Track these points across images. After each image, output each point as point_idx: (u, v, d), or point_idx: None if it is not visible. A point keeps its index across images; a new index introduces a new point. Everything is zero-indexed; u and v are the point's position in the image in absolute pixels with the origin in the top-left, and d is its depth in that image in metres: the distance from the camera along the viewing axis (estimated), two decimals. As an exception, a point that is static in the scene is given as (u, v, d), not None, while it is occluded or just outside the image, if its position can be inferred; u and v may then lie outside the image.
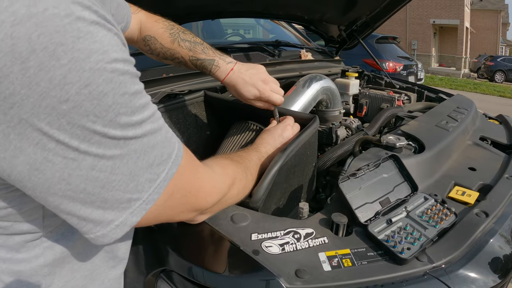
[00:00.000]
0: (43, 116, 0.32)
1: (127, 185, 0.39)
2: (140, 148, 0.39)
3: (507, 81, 14.38)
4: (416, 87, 1.84)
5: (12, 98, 0.31)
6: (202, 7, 1.51)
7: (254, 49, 1.69)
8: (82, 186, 0.37)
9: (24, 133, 0.32)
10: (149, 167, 0.41)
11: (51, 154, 0.34)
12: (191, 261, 0.63)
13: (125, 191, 0.39)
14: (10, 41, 0.29)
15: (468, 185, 0.91)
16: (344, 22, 1.92)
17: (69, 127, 0.33)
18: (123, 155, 0.38)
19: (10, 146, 0.33)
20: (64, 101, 0.32)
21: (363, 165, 0.78)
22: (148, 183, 0.41)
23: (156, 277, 0.67)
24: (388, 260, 0.63)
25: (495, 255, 0.69)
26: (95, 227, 0.40)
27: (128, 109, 0.37)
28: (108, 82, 0.34)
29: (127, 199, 0.40)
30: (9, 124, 0.32)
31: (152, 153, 0.41)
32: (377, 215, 0.72)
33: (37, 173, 0.35)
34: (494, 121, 1.51)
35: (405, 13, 18.35)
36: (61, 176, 0.35)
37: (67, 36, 0.31)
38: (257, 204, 0.72)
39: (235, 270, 0.61)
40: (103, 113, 0.35)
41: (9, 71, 0.30)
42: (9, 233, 0.43)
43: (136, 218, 0.42)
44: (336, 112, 1.42)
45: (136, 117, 0.38)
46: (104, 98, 0.34)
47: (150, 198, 0.42)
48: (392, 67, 6.85)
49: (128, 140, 0.38)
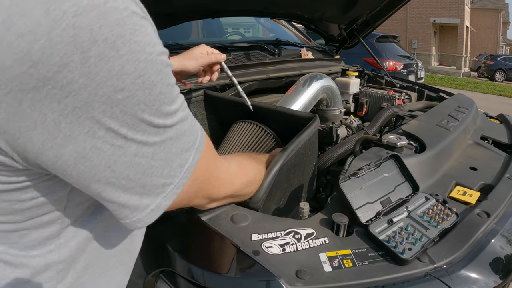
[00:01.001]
0: (97, 104, 0.33)
1: (163, 170, 0.41)
2: (175, 135, 0.41)
3: (507, 80, 14.36)
4: (417, 86, 1.84)
5: (69, 86, 0.31)
6: (202, 5, 1.51)
7: (254, 48, 1.68)
8: (125, 172, 0.38)
9: (77, 121, 0.33)
10: (180, 153, 0.43)
11: (100, 142, 0.35)
12: (191, 261, 0.63)
13: (161, 176, 0.42)
14: (73, 31, 0.30)
15: (469, 185, 0.91)
16: (344, 21, 1.92)
17: (121, 115, 0.35)
18: (162, 142, 0.40)
19: (59, 135, 0.33)
20: (120, 90, 0.34)
21: (364, 165, 0.78)
22: (179, 168, 0.44)
23: (156, 277, 0.67)
24: (389, 260, 0.62)
25: (496, 255, 0.69)
26: (132, 212, 0.42)
27: (170, 98, 0.39)
28: (157, 73, 0.36)
29: (162, 184, 0.42)
30: (62, 112, 0.32)
31: (182, 140, 0.43)
32: (378, 215, 0.71)
33: (84, 161, 0.35)
34: (494, 121, 1.50)
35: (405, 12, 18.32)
36: (107, 163, 0.37)
37: (126, 29, 0.33)
38: (257, 205, 0.71)
39: (235, 270, 0.61)
40: (151, 103, 0.36)
41: (69, 60, 0.31)
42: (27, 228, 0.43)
43: (168, 201, 0.44)
44: (337, 111, 1.42)
45: (173, 106, 0.40)
46: (154, 88, 0.36)
47: (180, 182, 0.44)
48: (392, 66, 6.83)
49: (166, 128, 0.40)
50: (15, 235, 0.43)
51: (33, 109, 0.31)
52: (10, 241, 0.43)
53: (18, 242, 0.43)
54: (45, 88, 0.31)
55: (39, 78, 0.30)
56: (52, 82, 0.31)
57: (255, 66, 1.52)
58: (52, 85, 0.31)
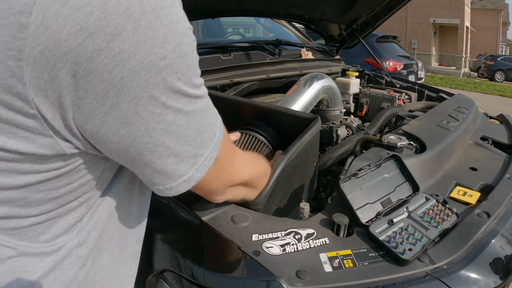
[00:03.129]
0: (143, 73, 0.35)
1: (196, 140, 0.44)
2: (203, 107, 0.44)
3: (507, 80, 14.36)
4: (417, 86, 1.84)
5: (120, 55, 0.34)
6: (202, 5, 1.51)
7: (255, 48, 1.68)
8: (161, 139, 0.40)
9: (123, 89, 0.35)
10: (209, 126, 0.46)
11: (142, 109, 0.37)
12: (191, 261, 0.63)
13: (194, 145, 0.44)
14: (126, 2, 0.33)
15: (470, 185, 0.91)
16: (344, 21, 1.92)
17: (162, 82, 0.37)
18: (194, 112, 0.42)
19: (106, 103, 0.35)
20: (163, 58, 0.36)
21: (364, 165, 0.78)
22: (209, 141, 0.46)
23: (157, 277, 0.67)
24: (389, 261, 0.62)
25: (496, 255, 0.69)
26: (166, 180, 0.44)
27: (198, 71, 0.42)
28: (189, 44, 0.39)
29: (194, 154, 0.45)
30: (111, 82, 0.34)
31: (209, 113, 0.46)
32: (378, 216, 0.71)
33: (126, 126, 0.38)
34: (494, 121, 1.50)
35: (405, 12, 18.32)
36: (146, 129, 0.39)
37: (167, 2, 0.36)
38: (258, 207, 0.71)
39: (236, 270, 0.61)
40: (186, 71, 0.39)
41: (122, 29, 0.33)
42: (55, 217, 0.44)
43: (200, 173, 0.46)
44: (337, 111, 1.42)
45: (200, 80, 0.43)
46: (188, 57, 0.39)
47: (210, 155, 0.47)
48: (392, 66, 6.83)
49: (197, 99, 0.43)
50: (42, 226, 0.43)
51: (85, 80, 0.33)
52: (37, 233, 0.43)
53: (44, 233, 0.44)
54: (98, 58, 0.33)
55: (93, 49, 0.32)
56: (105, 52, 0.33)
57: (255, 66, 1.52)
58: (105, 55, 0.33)
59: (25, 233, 0.42)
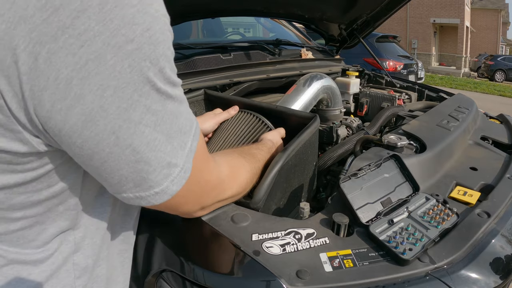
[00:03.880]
0: (109, 56, 0.33)
1: (166, 146, 0.40)
2: (174, 110, 0.41)
3: (507, 80, 14.36)
4: (417, 86, 1.84)
5: (85, 35, 0.32)
6: (202, 5, 1.50)
7: (255, 48, 1.68)
8: (129, 141, 0.37)
9: (88, 77, 0.33)
10: (179, 133, 0.42)
11: (107, 103, 0.34)
12: (191, 261, 0.63)
13: (165, 152, 0.40)
14: None
15: (470, 185, 0.91)
16: (344, 21, 1.91)
17: (129, 70, 0.34)
18: (163, 113, 0.39)
19: (70, 94, 0.33)
20: (130, 40, 0.34)
21: (364, 165, 0.78)
22: (181, 150, 0.42)
23: (157, 277, 0.67)
24: (389, 260, 0.62)
25: (496, 255, 0.69)
26: (135, 187, 0.41)
27: (171, 65, 0.39)
28: (161, 32, 0.36)
29: (167, 162, 0.41)
30: (75, 66, 0.32)
31: (181, 119, 0.42)
32: (378, 216, 0.71)
33: (91, 125, 0.35)
34: (495, 121, 1.50)
35: (405, 12, 18.32)
36: (112, 129, 0.36)
37: None
38: (257, 205, 0.71)
39: (236, 270, 0.61)
40: (155, 61, 0.36)
41: (88, 5, 0.31)
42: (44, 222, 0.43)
43: (176, 187, 0.43)
44: (337, 111, 1.42)
45: (174, 77, 0.40)
46: (159, 45, 0.36)
47: (185, 167, 0.43)
48: (392, 66, 6.84)
49: (167, 99, 0.39)
50: (31, 232, 0.42)
51: (48, 64, 0.31)
52: (27, 239, 0.42)
53: (35, 239, 0.43)
54: (62, 37, 0.31)
55: (58, 26, 0.31)
56: (70, 30, 0.31)
57: (255, 66, 1.52)
58: (69, 33, 0.31)
59: (15, 239, 0.42)
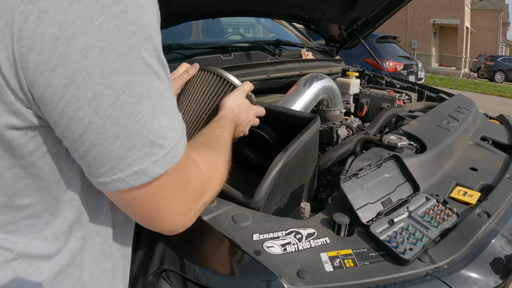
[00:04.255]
0: (96, 15, 0.32)
1: (151, 123, 0.36)
2: (161, 89, 0.37)
3: (507, 81, 14.36)
4: (417, 86, 1.84)
5: None
6: (202, 5, 1.51)
7: (255, 48, 1.68)
8: (109, 111, 0.34)
9: (74, 35, 0.32)
10: (167, 115, 0.38)
11: (91, 64, 0.33)
12: (192, 261, 0.63)
13: (149, 130, 0.36)
14: None
15: (470, 185, 0.91)
16: (344, 22, 1.92)
17: (116, 31, 0.33)
18: (149, 86, 0.36)
19: (55, 54, 0.32)
20: (117, 2, 0.33)
21: (365, 165, 0.78)
22: (170, 132, 0.38)
23: (157, 277, 0.67)
24: (390, 260, 0.63)
25: (496, 255, 0.69)
26: (112, 169, 0.37)
27: (158, 41, 0.37)
28: (146, 1, 0.35)
29: (150, 141, 0.36)
30: (62, 25, 0.31)
31: (168, 102, 0.39)
32: (379, 216, 0.72)
33: (72, 88, 0.33)
34: (494, 121, 1.50)
35: (405, 13, 18.32)
36: (93, 95, 0.33)
37: None
38: (258, 205, 0.71)
39: (237, 270, 0.61)
40: (141, 27, 0.35)
41: None
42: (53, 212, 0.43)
43: (158, 169, 0.37)
44: (337, 111, 1.42)
45: (161, 54, 0.38)
46: (144, 13, 0.35)
47: (174, 151, 0.38)
48: (392, 67, 6.83)
49: (154, 75, 0.37)
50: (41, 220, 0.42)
51: (37, 23, 0.31)
52: (36, 228, 0.42)
53: (45, 228, 0.43)
54: None
55: None
56: None
57: (255, 67, 1.52)
58: None
59: (25, 227, 0.42)
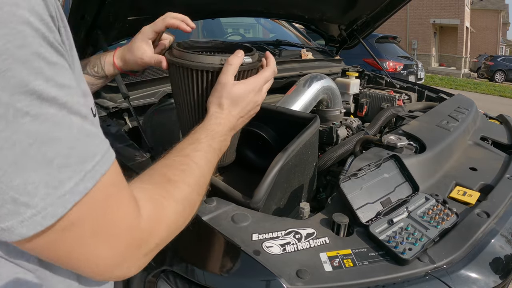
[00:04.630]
0: None
1: (11, 179, 0.28)
2: (41, 132, 0.28)
3: (507, 81, 14.35)
4: (417, 86, 1.84)
5: None
6: (202, 6, 1.51)
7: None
8: None
9: None
10: (48, 164, 0.29)
11: None
12: (191, 261, 0.63)
13: (8, 186, 0.28)
14: None
15: (469, 185, 0.91)
16: (344, 22, 1.92)
17: None
18: (7, 134, 0.27)
19: None
20: None
21: (364, 165, 0.78)
22: (44, 189, 0.29)
23: (157, 277, 0.67)
24: (389, 260, 0.63)
25: (496, 255, 0.69)
26: None
27: (39, 57, 0.28)
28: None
29: (11, 198, 0.28)
30: None
31: (54, 145, 0.29)
32: (378, 216, 0.72)
33: None
34: (494, 121, 1.50)
35: (405, 13, 18.33)
36: None
37: None
38: (258, 205, 0.71)
39: (236, 270, 0.61)
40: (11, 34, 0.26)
41: None
42: None
43: (26, 230, 0.29)
44: (337, 111, 1.42)
45: (51, 77, 0.28)
46: None
47: (48, 211, 0.29)
48: (392, 67, 6.83)
49: (23, 117, 0.27)
50: None
51: None
52: None
53: None
54: None
55: None
56: None
57: (255, 67, 1.52)
58: None
59: None
